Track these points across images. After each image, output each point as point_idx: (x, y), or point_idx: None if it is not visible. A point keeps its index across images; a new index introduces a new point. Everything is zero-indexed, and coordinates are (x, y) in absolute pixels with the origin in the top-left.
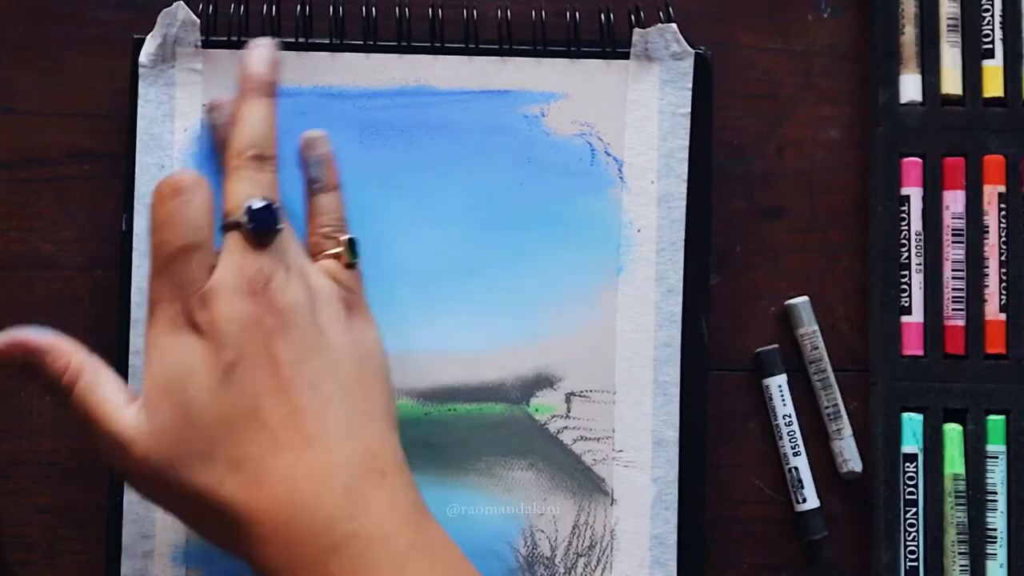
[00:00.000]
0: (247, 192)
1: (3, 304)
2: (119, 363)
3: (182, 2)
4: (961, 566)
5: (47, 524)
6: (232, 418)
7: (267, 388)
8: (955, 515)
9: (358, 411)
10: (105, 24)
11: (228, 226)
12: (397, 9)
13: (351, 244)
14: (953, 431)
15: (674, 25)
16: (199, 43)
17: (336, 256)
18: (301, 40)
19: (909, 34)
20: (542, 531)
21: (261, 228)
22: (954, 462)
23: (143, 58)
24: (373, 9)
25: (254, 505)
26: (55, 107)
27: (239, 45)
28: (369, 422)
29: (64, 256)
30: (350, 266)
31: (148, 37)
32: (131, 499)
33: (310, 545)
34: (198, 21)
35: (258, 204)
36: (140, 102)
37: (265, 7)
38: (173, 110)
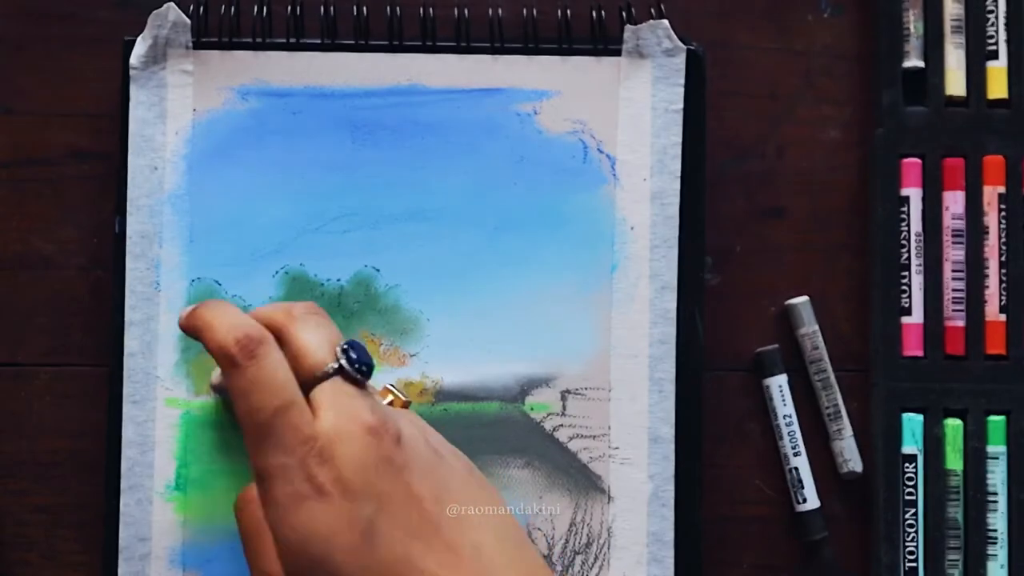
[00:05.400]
0: (330, 337)
1: (3, 304)
2: (115, 365)
3: (173, 3)
4: (961, 567)
5: (47, 524)
6: (385, 573)
7: (414, 531)
8: (955, 516)
9: (502, 533)
10: (105, 24)
11: (325, 375)
12: (388, 8)
13: (395, 387)
14: (954, 426)
15: (665, 21)
16: (190, 44)
17: (391, 402)
18: (292, 40)
19: (913, 35)
20: (539, 529)
21: (363, 366)
22: (954, 458)
23: (134, 60)
24: (364, 8)
25: None
26: (55, 107)
27: (230, 46)
28: (516, 542)
29: (64, 256)
30: (405, 406)
31: (138, 39)
32: (127, 501)
33: None
34: (189, 22)
35: (348, 345)
36: (131, 104)
37: (256, 8)
38: (165, 111)
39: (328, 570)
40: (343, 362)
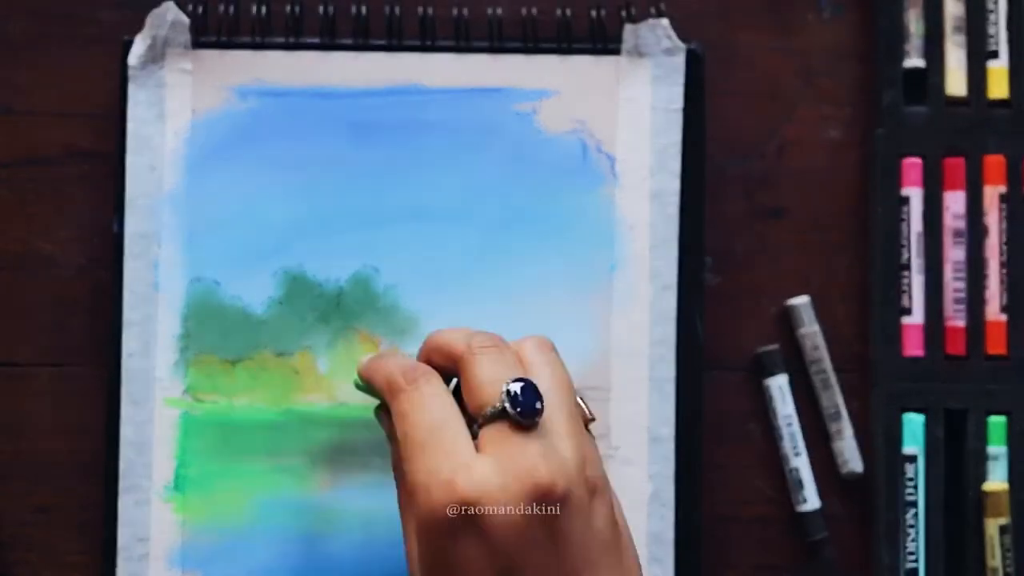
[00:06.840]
0: (501, 375)
1: (2, 304)
2: (114, 365)
3: (172, 3)
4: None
5: (47, 524)
6: None
7: None
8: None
9: None
10: (104, 24)
11: (486, 419)
12: (388, 8)
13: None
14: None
15: (665, 20)
16: (189, 44)
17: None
18: (291, 40)
19: (913, 35)
20: None
21: (526, 412)
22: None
23: (132, 59)
24: (364, 8)
25: None
26: (54, 107)
27: (229, 46)
28: None
29: (63, 256)
30: (586, 423)
31: (137, 38)
32: (126, 501)
33: None
34: (188, 22)
35: (516, 386)
36: (130, 103)
37: (255, 7)
38: (163, 111)
39: None
40: (506, 404)
